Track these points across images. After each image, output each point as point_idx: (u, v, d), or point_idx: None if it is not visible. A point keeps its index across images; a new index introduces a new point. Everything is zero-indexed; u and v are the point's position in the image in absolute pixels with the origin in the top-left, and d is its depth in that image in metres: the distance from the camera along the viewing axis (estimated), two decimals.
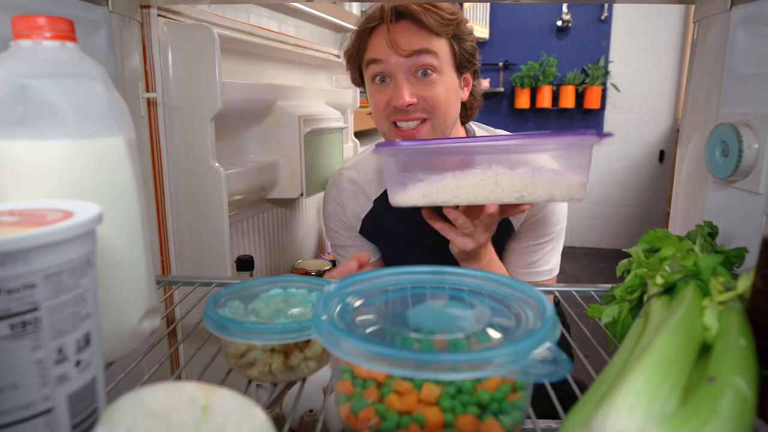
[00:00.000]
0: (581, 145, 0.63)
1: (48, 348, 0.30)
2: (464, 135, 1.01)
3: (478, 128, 1.04)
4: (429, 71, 0.86)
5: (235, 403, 0.30)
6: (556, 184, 0.64)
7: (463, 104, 0.96)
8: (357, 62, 0.93)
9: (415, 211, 0.75)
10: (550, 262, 0.98)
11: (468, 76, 0.95)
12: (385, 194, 1.01)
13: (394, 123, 0.88)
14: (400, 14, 0.86)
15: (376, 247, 1.08)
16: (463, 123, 1.00)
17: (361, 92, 1.60)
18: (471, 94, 0.97)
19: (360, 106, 1.62)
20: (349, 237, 1.06)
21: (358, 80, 0.97)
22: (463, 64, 0.92)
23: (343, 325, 0.37)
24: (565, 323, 1.08)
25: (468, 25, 0.93)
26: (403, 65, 0.86)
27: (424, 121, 0.88)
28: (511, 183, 0.64)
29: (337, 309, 0.40)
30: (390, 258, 1.08)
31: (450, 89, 0.89)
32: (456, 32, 0.89)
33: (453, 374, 0.31)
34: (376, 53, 0.87)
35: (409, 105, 0.86)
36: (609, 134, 0.61)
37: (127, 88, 0.75)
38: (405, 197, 0.66)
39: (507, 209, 0.73)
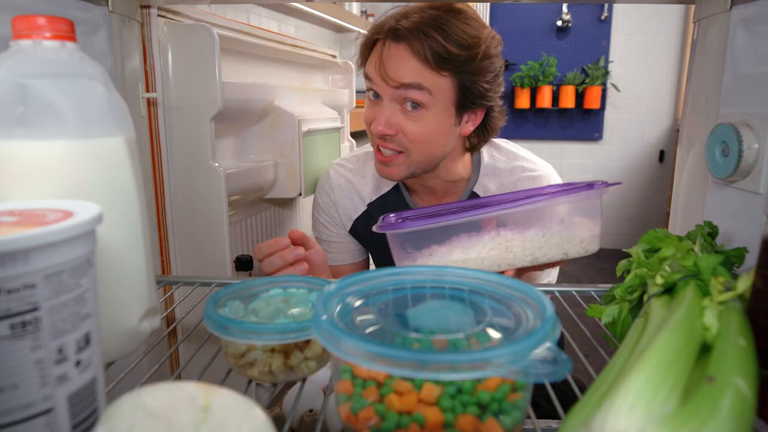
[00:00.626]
0: (591, 198, 0.62)
1: (48, 348, 0.30)
2: (469, 162, 0.94)
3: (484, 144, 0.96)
4: (417, 105, 0.80)
5: (235, 403, 0.30)
6: (569, 241, 0.62)
7: (468, 136, 0.89)
8: (362, 65, 0.90)
9: None
10: (551, 275, 0.97)
11: (478, 111, 0.85)
12: (379, 200, 1.00)
13: (378, 145, 0.85)
14: (400, 37, 0.78)
15: (363, 248, 1.07)
16: (469, 151, 0.93)
17: (357, 92, 1.59)
18: (483, 126, 0.88)
19: (356, 106, 1.62)
20: (337, 234, 1.05)
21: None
22: (467, 103, 0.82)
23: (343, 325, 0.37)
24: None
25: (493, 59, 0.81)
26: (389, 93, 0.81)
27: (400, 152, 0.83)
28: (523, 247, 0.62)
29: (337, 309, 0.40)
30: (380, 261, 1.08)
31: (437, 129, 0.82)
32: (465, 68, 0.78)
33: (453, 374, 0.31)
34: (369, 70, 0.84)
35: (386, 135, 0.82)
36: (617, 183, 0.60)
37: (127, 88, 0.75)
38: None
39: (521, 270, 0.69)
